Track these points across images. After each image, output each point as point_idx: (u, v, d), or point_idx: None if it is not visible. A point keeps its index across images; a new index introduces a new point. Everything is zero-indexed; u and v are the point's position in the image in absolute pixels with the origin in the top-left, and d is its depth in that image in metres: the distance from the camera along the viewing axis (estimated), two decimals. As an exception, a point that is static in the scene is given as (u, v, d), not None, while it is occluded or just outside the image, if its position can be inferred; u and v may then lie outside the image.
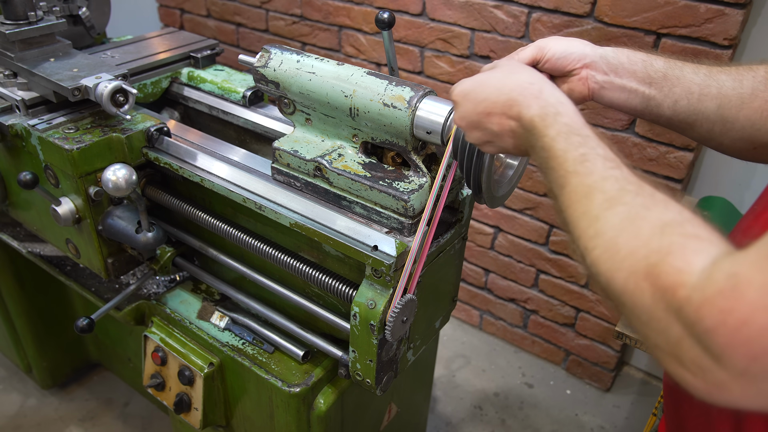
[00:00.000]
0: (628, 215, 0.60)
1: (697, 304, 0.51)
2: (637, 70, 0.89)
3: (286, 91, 1.12)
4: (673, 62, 0.90)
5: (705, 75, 0.88)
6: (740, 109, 0.85)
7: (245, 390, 1.34)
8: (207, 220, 1.31)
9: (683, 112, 0.88)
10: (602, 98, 0.91)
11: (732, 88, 0.86)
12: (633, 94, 0.90)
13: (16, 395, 2.25)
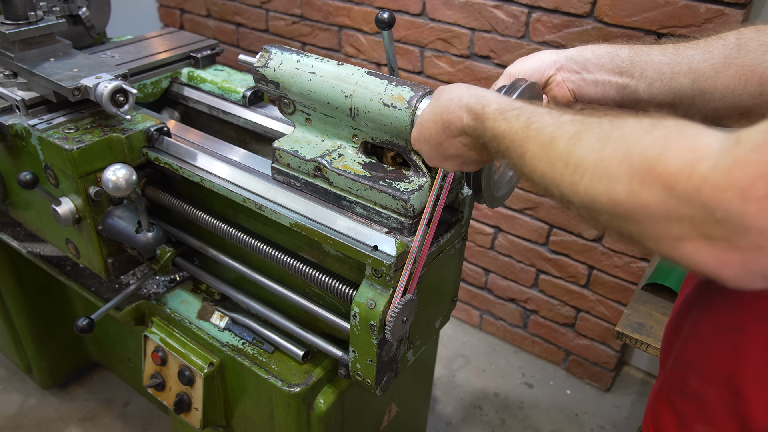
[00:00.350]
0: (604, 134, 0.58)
1: (727, 168, 0.47)
2: (604, 63, 0.91)
3: (286, 91, 1.12)
4: (638, 48, 0.91)
5: (673, 53, 0.88)
6: (716, 79, 0.85)
7: (245, 390, 1.34)
8: (207, 220, 1.31)
9: (660, 94, 0.89)
10: (581, 97, 0.93)
11: (703, 60, 0.86)
12: (607, 86, 0.91)
13: (16, 395, 2.25)
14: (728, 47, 0.86)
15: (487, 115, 0.74)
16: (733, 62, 0.85)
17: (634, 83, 0.90)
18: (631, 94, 0.91)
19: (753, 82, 0.83)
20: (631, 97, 0.91)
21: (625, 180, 0.54)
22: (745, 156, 0.47)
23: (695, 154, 0.50)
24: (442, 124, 0.82)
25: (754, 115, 0.85)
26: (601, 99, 0.93)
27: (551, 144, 0.63)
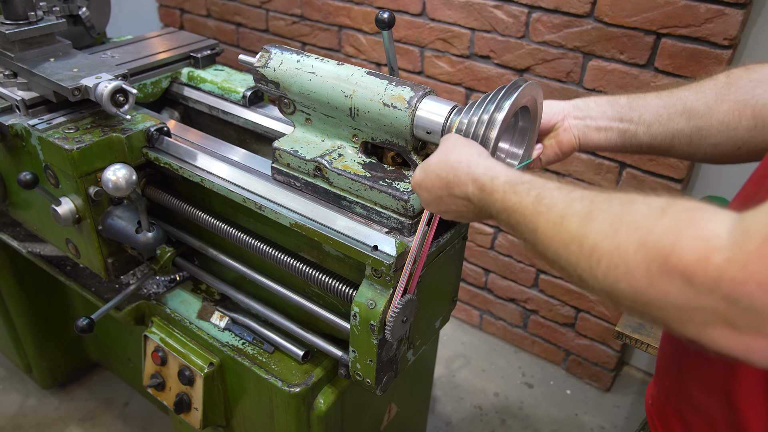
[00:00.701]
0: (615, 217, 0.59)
1: (743, 262, 0.49)
2: (605, 110, 0.97)
3: (286, 91, 1.12)
4: (635, 95, 0.98)
5: (667, 96, 0.95)
6: (711, 116, 0.90)
7: (245, 390, 1.34)
8: (207, 220, 1.31)
9: (659, 135, 0.94)
10: (586, 143, 0.99)
11: (696, 100, 0.92)
12: (610, 132, 0.97)
13: (16, 395, 2.25)
14: (719, 85, 0.91)
15: (496, 188, 0.75)
16: (725, 99, 0.89)
17: (634, 127, 0.96)
18: (632, 137, 0.96)
19: (746, 115, 0.88)
20: (632, 140, 0.96)
21: (644, 269, 0.54)
22: (758, 250, 0.48)
23: (707, 245, 0.51)
24: (447, 183, 0.83)
25: (750, 147, 0.89)
26: (604, 145, 0.98)
27: (563, 223, 0.64)
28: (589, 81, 1.91)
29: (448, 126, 0.97)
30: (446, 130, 0.98)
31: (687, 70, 1.72)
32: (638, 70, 1.81)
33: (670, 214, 0.55)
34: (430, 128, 0.99)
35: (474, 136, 0.91)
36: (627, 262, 0.56)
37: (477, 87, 2.17)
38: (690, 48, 1.70)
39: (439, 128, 0.98)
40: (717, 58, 1.66)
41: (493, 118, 0.89)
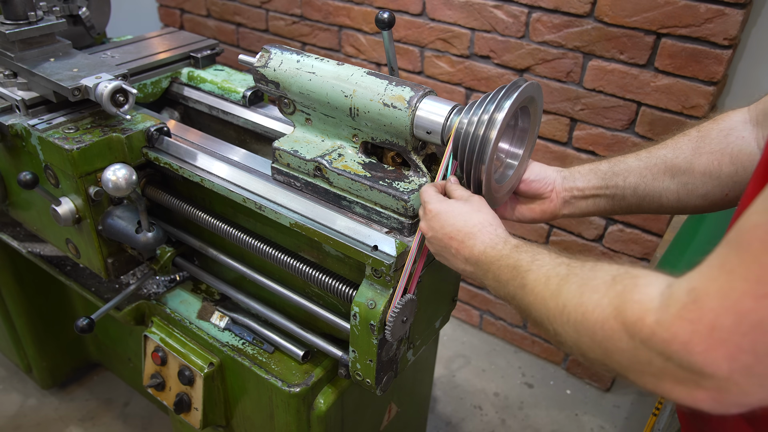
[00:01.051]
0: (582, 281, 0.69)
1: (668, 324, 0.56)
2: (590, 179, 1.02)
3: (286, 91, 1.12)
4: (616, 159, 1.02)
5: (646, 157, 0.99)
6: (692, 170, 0.94)
7: (245, 390, 1.34)
8: (207, 220, 1.30)
9: (647, 195, 0.99)
10: (574, 211, 1.05)
11: (675, 157, 0.96)
12: (598, 199, 1.02)
13: (16, 395, 2.25)
14: (693, 140, 0.96)
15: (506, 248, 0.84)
16: (702, 151, 0.94)
17: (621, 192, 1.00)
18: (620, 201, 1.01)
19: (726, 163, 0.92)
20: (621, 204, 1.01)
21: (599, 326, 0.64)
22: (679, 313, 0.55)
23: (642, 308, 0.59)
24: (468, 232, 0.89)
25: (737, 192, 0.92)
26: (594, 210, 1.04)
27: (546, 284, 0.74)
28: (589, 81, 1.91)
29: (449, 126, 0.97)
30: (446, 130, 0.98)
31: (687, 70, 1.73)
32: (638, 70, 1.81)
33: (619, 282, 0.64)
34: (430, 128, 0.99)
35: (474, 136, 0.91)
36: (587, 319, 0.65)
37: (477, 87, 2.17)
38: (690, 48, 1.70)
39: (439, 128, 0.98)
40: (717, 58, 1.67)
41: (493, 118, 0.89)
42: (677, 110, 1.79)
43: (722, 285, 0.53)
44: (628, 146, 1.92)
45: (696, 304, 0.55)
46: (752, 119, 0.93)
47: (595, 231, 2.13)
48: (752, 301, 0.51)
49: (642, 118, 1.86)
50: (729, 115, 0.96)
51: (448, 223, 0.92)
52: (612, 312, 0.63)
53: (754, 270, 0.52)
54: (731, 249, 0.55)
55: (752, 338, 0.51)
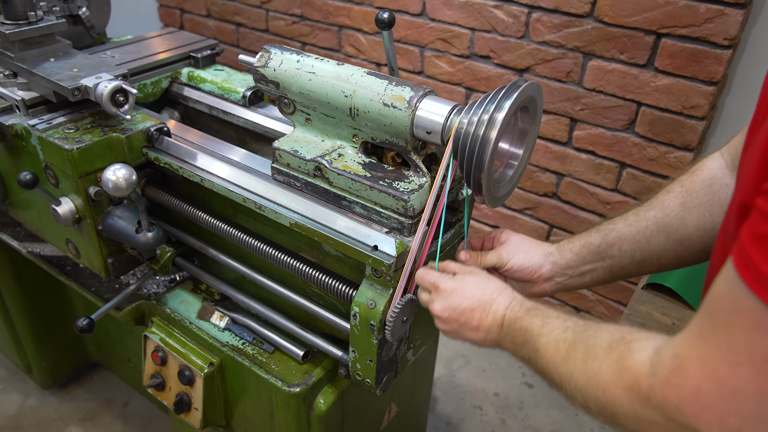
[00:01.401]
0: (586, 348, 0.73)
1: (658, 389, 0.60)
2: (584, 255, 1.02)
3: (286, 91, 1.12)
4: (605, 228, 1.02)
5: (636, 221, 0.99)
6: (685, 226, 0.94)
7: (245, 390, 1.34)
8: (207, 220, 1.30)
9: (645, 259, 0.98)
10: (569, 287, 1.06)
11: (665, 216, 0.96)
12: (595, 273, 1.03)
13: (16, 395, 2.25)
14: (679, 196, 0.96)
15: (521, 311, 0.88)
16: (691, 206, 0.94)
17: (617, 261, 1.00)
18: (618, 270, 1.01)
19: (717, 213, 0.92)
20: (620, 272, 1.01)
21: (601, 392, 0.68)
22: (667, 380, 0.59)
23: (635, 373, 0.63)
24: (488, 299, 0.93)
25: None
26: (591, 282, 1.04)
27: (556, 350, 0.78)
28: (589, 81, 1.91)
29: (449, 126, 0.97)
30: (446, 130, 0.98)
31: (687, 70, 1.73)
32: (638, 70, 1.81)
33: (615, 349, 0.68)
34: (430, 128, 0.99)
35: (474, 136, 0.91)
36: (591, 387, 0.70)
37: (477, 87, 2.17)
38: (690, 48, 1.70)
39: (439, 128, 0.98)
40: (717, 58, 1.67)
41: (493, 118, 0.89)
42: (677, 110, 1.79)
43: (700, 353, 0.56)
44: (628, 146, 1.92)
45: (680, 370, 0.57)
46: (728, 164, 0.93)
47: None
48: (728, 369, 0.53)
49: (642, 118, 1.86)
50: (706, 164, 0.96)
51: (466, 297, 0.94)
52: (611, 378, 0.67)
53: (725, 339, 0.54)
54: (705, 317, 0.57)
55: (735, 404, 0.53)
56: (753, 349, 0.51)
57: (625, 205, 2.02)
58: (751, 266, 0.50)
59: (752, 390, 0.52)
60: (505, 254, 1.06)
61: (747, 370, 0.52)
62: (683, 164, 1.85)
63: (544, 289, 1.06)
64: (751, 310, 0.50)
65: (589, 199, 2.09)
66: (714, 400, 0.54)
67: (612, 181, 2.01)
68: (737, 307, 0.52)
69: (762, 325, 0.50)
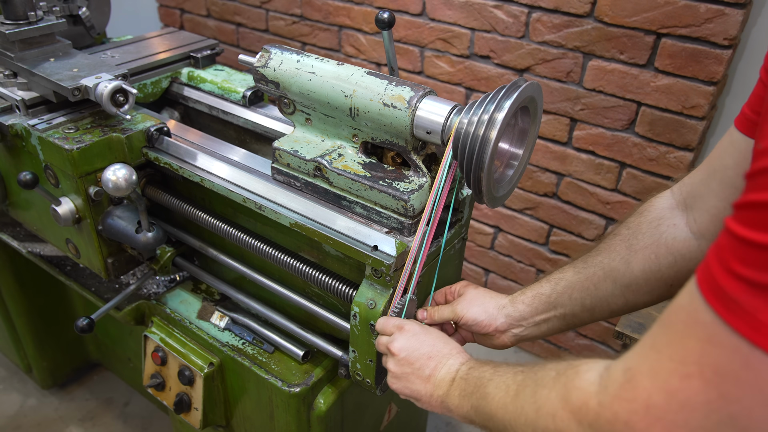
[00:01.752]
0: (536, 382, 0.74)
1: (608, 404, 0.59)
2: (536, 306, 1.02)
3: (286, 91, 1.12)
4: (555, 276, 1.03)
5: (584, 267, 0.99)
6: (631, 270, 0.94)
7: (245, 390, 1.34)
8: (207, 220, 1.30)
9: (596, 306, 0.98)
10: (526, 337, 1.06)
11: (611, 260, 0.96)
12: (550, 323, 1.03)
13: (16, 395, 2.25)
14: (625, 238, 0.95)
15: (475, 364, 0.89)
16: (636, 248, 0.93)
17: (569, 310, 1.00)
18: (572, 318, 1.01)
19: (662, 254, 0.91)
20: (573, 321, 1.01)
21: (551, 420, 0.68)
22: (617, 394, 0.59)
23: (584, 392, 0.63)
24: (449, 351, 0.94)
25: (681, 281, 0.91)
26: (547, 333, 1.04)
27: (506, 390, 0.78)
28: (589, 81, 1.91)
29: (449, 126, 0.97)
30: (446, 130, 0.98)
31: (687, 70, 1.72)
32: (638, 70, 1.81)
33: (563, 374, 0.69)
34: (430, 128, 0.99)
35: (474, 136, 0.91)
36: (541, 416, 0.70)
37: (477, 87, 2.17)
38: (690, 48, 1.69)
39: (439, 128, 0.98)
40: (717, 58, 1.66)
41: (493, 118, 0.89)
42: (677, 110, 1.79)
43: (652, 364, 0.56)
44: (628, 146, 1.92)
45: (631, 383, 0.57)
46: (679, 203, 0.92)
47: (595, 231, 2.13)
48: (678, 380, 0.53)
49: (642, 118, 1.86)
50: (653, 204, 0.95)
51: (428, 343, 0.95)
52: (560, 403, 0.66)
53: (678, 350, 0.54)
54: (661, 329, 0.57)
55: (684, 416, 0.53)
56: (704, 362, 0.51)
57: (625, 204, 2.03)
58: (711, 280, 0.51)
59: (701, 402, 0.52)
60: (459, 309, 1.08)
61: (697, 382, 0.52)
62: (683, 164, 1.85)
63: (503, 342, 1.07)
64: (706, 323, 0.51)
65: (589, 199, 2.09)
66: (664, 412, 0.54)
67: (612, 181, 2.01)
68: (694, 320, 0.52)
69: (715, 338, 0.50)
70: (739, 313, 0.48)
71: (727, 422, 0.51)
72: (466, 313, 1.06)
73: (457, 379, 0.89)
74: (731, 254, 0.49)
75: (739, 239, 0.49)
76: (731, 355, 0.49)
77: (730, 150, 0.83)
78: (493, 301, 1.07)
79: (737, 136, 0.82)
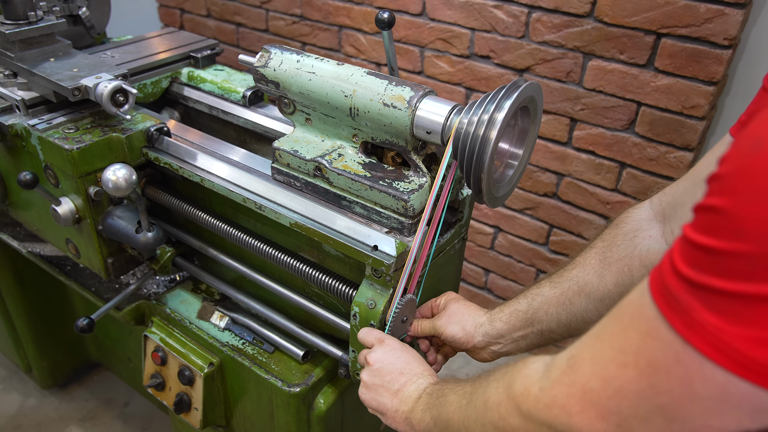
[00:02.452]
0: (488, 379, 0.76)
1: (548, 389, 0.62)
2: (513, 323, 1.03)
3: (286, 91, 1.12)
4: (531, 292, 1.03)
5: (559, 282, 0.99)
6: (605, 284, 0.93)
7: (245, 390, 1.34)
8: (207, 220, 1.30)
9: (571, 321, 0.99)
10: (509, 353, 1.07)
11: (585, 274, 0.96)
12: (526, 339, 1.04)
13: (16, 395, 2.25)
14: (599, 251, 0.95)
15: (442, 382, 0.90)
16: (611, 261, 0.93)
17: (546, 325, 1.00)
18: (549, 333, 1.01)
19: (636, 267, 0.91)
20: (551, 336, 1.02)
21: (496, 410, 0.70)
22: (558, 379, 0.61)
23: (528, 381, 0.66)
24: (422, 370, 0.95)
25: None
26: (526, 349, 1.05)
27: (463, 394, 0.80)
28: (589, 81, 1.91)
29: (449, 126, 0.97)
30: (446, 130, 0.98)
31: (687, 70, 1.73)
32: (638, 70, 1.81)
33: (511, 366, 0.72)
34: (430, 128, 0.99)
35: (474, 136, 0.91)
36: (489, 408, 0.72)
37: (477, 87, 2.17)
38: (690, 48, 1.70)
39: (439, 128, 0.98)
40: (717, 58, 1.67)
41: (493, 118, 0.89)
42: (677, 110, 1.79)
43: (594, 352, 0.58)
44: (628, 146, 1.92)
45: (572, 369, 0.60)
46: (657, 214, 0.92)
47: (595, 231, 2.13)
48: (615, 368, 0.55)
49: (642, 118, 1.86)
50: (631, 215, 0.95)
51: (403, 359, 0.96)
52: (504, 392, 0.69)
53: (620, 340, 0.56)
54: (609, 320, 0.59)
55: (616, 402, 0.55)
56: (641, 353, 0.53)
57: (625, 205, 2.03)
58: (659, 278, 0.53)
59: (633, 390, 0.54)
60: (439, 325, 1.09)
61: (632, 371, 0.54)
62: (683, 164, 1.85)
63: (483, 357, 1.08)
64: (648, 317, 0.53)
65: (589, 199, 2.09)
66: (598, 398, 0.56)
67: (612, 181, 2.01)
68: (639, 313, 0.54)
69: (654, 332, 0.52)
70: (677, 310, 0.50)
71: (657, 412, 0.53)
72: (445, 330, 1.08)
73: (423, 395, 0.90)
74: (680, 255, 0.51)
75: (688, 241, 0.50)
76: (665, 349, 0.51)
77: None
78: (471, 318, 1.08)
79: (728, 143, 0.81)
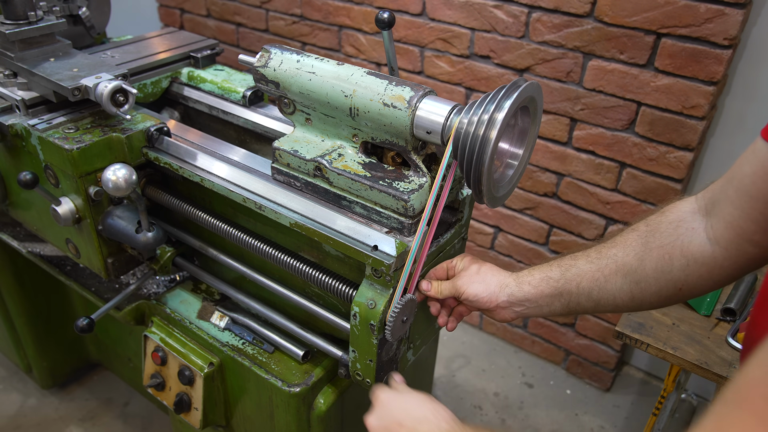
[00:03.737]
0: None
1: None
2: (543, 289, 1.02)
3: (286, 91, 1.12)
4: (567, 262, 1.01)
5: (597, 258, 0.98)
6: (644, 267, 0.93)
7: (245, 390, 1.34)
8: (207, 220, 1.31)
9: (602, 299, 0.98)
10: (530, 316, 1.06)
11: (625, 255, 0.95)
12: (551, 306, 1.03)
13: (16, 395, 2.25)
14: (642, 235, 0.94)
15: None
16: (652, 246, 0.92)
17: (575, 298, 1.00)
18: (575, 306, 1.01)
19: (676, 256, 0.90)
20: (576, 308, 1.01)
21: None
22: None
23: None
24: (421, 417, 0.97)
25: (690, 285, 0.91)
26: (548, 313, 1.04)
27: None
28: (589, 81, 1.91)
29: (449, 127, 0.97)
30: (446, 130, 0.98)
31: (687, 70, 1.73)
32: (638, 70, 1.81)
33: None
34: (430, 128, 0.99)
35: (474, 135, 0.91)
36: None
37: (477, 87, 2.17)
38: (690, 48, 1.70)
39: (439, 128, 0.98)
40: (717, 58, 1.67)
41: (493, 118, 0.89)
42: (677, 110, 1.79)
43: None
44: (628, 146, 1.92)
45: None
46: (701, 209, 0.92)
47: (595, 231, 2.13)
48: None
49: (642, 118, 1.86)
50: (677, 206, 0.95)
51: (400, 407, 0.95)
52: None
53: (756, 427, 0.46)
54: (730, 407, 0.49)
55: None
56: None
57: (625, 204, 2.03)
58: None
59: None
60: (460, 284, 1.08)
61: None
62: (683, 164, 1.85)
63: (503, 317, 1.07)
64: None
65: (589, 199, 2.09)
66: None
67: (612, 181, 2.01)
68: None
69: None
70: None
71: None
72: (467, 288, 1.06)
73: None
74: None
75: None
76: None
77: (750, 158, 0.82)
78: (495, 278, 1.06)
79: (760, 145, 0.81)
